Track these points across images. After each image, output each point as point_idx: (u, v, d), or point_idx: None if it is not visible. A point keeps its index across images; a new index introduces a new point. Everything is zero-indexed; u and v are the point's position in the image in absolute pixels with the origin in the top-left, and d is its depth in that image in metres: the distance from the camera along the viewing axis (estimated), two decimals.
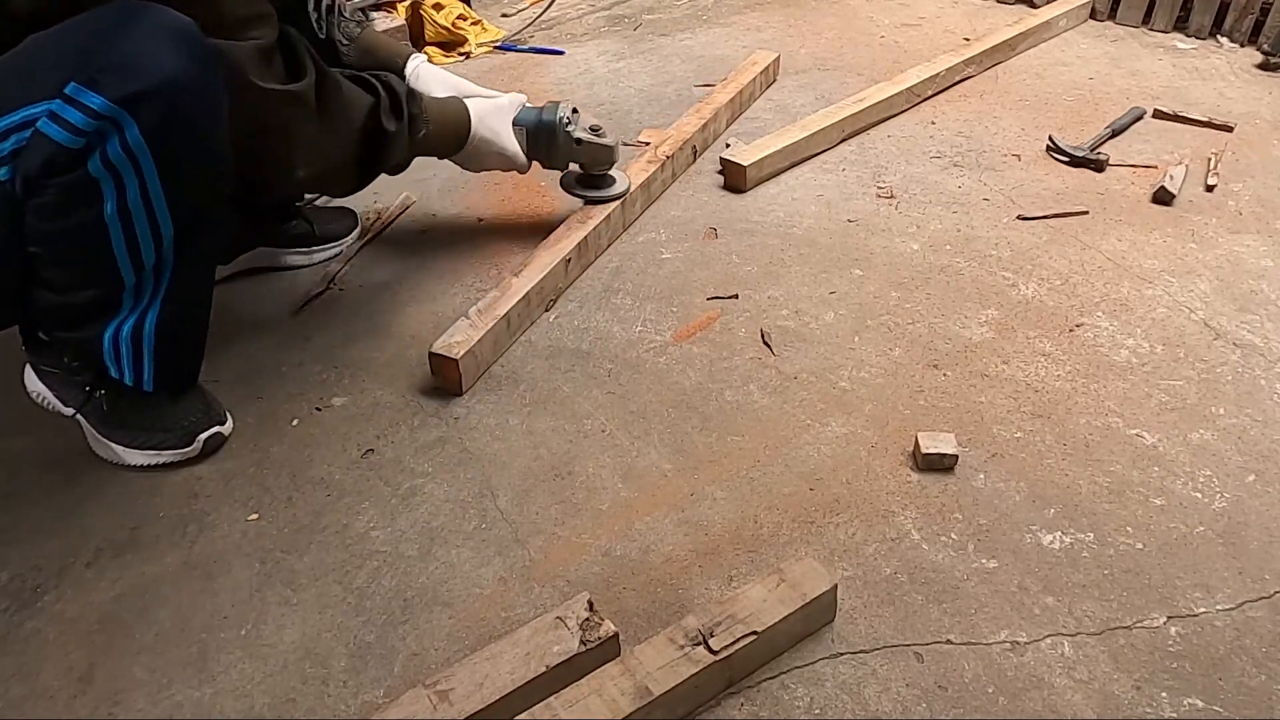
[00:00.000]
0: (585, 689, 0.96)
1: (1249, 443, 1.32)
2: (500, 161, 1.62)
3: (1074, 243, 1.72)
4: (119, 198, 1.07)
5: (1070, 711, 1.01)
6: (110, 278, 1.14)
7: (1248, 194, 1.85)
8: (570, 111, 1.63)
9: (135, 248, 1.13)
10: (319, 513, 1.25)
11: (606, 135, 1.66)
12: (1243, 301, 1.57)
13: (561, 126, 1.61)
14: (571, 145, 1.63)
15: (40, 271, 1.14)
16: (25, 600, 1.14)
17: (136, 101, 1.03)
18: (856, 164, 1.97)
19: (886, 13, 2.67)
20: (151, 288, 1.19)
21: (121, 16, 1.04)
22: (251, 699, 1.04)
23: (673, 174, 1.91)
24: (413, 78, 1.64)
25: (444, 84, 1.64)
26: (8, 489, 1.28)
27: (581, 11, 2.75)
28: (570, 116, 1.63)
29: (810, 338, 1.51)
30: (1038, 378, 1.43)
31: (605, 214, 1.69)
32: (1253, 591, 1.12)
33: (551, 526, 1.22)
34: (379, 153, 1.42)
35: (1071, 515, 1.22)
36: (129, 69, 1.03)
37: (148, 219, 1.11)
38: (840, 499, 1.25)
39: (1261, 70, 2.31)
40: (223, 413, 1.34)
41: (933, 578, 1.14)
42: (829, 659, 1.06)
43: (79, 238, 1.10)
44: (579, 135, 1.63)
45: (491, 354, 1.46)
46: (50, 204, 1.07)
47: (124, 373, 1.23)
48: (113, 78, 1.02)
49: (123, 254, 1.12)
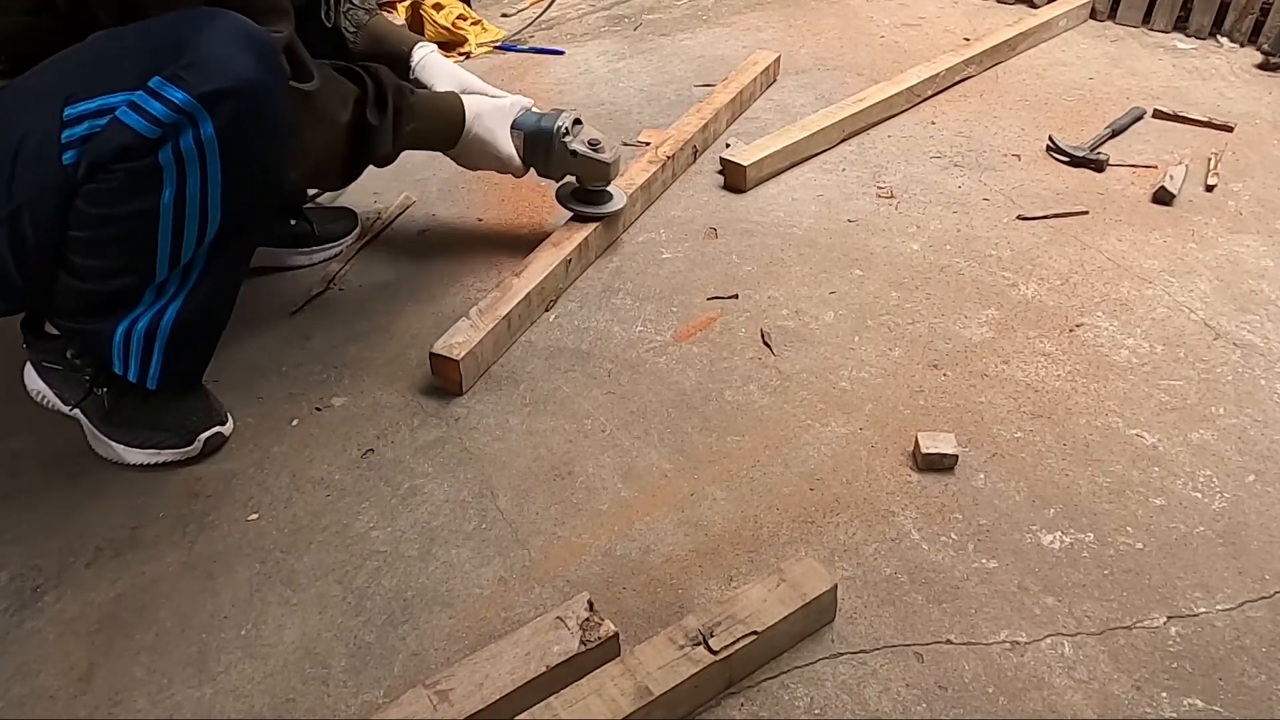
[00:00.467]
0: (585, 689, 0.96)
1: (1249, 443, 1.32)
2: (494, 163, 1.60)
3: (1074, 243, 1.72)
4: (178, 187, 1.10)
5: (1070, 711, 1.01)
6: (144, 268, 1.16)
7: (1248, 194, 1.85)
8: (571, 122, 1.59)
9: (179, 241, 1.14)
10: (319, 513, 1.25)
11: (605, 151, 1.59)
12: (1243, 301, 1.57)
13: (558, 136, 1.57)
14: (566, 156, 1.59)
15: (71, 257, 1.14)
16: (25, 600, 1.14)
17: (216, 99, 1.08)
18: (856, 164, 1.97)
19: (886, 13, 2.67)
20: (176, 285, 1.19)
21: (204, 19, 1.10)
22: (251, 699, 1.04)
23: (673, 174, 1.90)
24: (419, 68, 1.63)
25: (449, 77, 1.63)
26: (8, 489, 1.28)
27: (581, 11, 2.75)
28: (570, 127, 1.58)
29: (810, 338, 1.51)
30: (1038, 378, 1.43)
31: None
32: (1253, 591, 1.12)
33: (551, 526, 1.22)
34: (364, 147, 1.41)
35: (1071, 515, 1.22)
36: (212, 69, 1.08)
37: (199, 213, 1.14)
38: (840, 499, 1.25)
39: (1261, 70, 2.31)
40: (223, 412, 1.34)
41: (933, 578, 1.14)
42: (829, 659, 1.06)
43: (128, 224, 1.12)
44: (575, 148, 1.58)
45: (492, 354, 1.46)
46: (112, 190, 1.09)
47: (129, 369, 1.23)
48: (196, 75, 1.07)
49: (165, 246, 1.14)
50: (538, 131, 1.58)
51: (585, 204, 1.67)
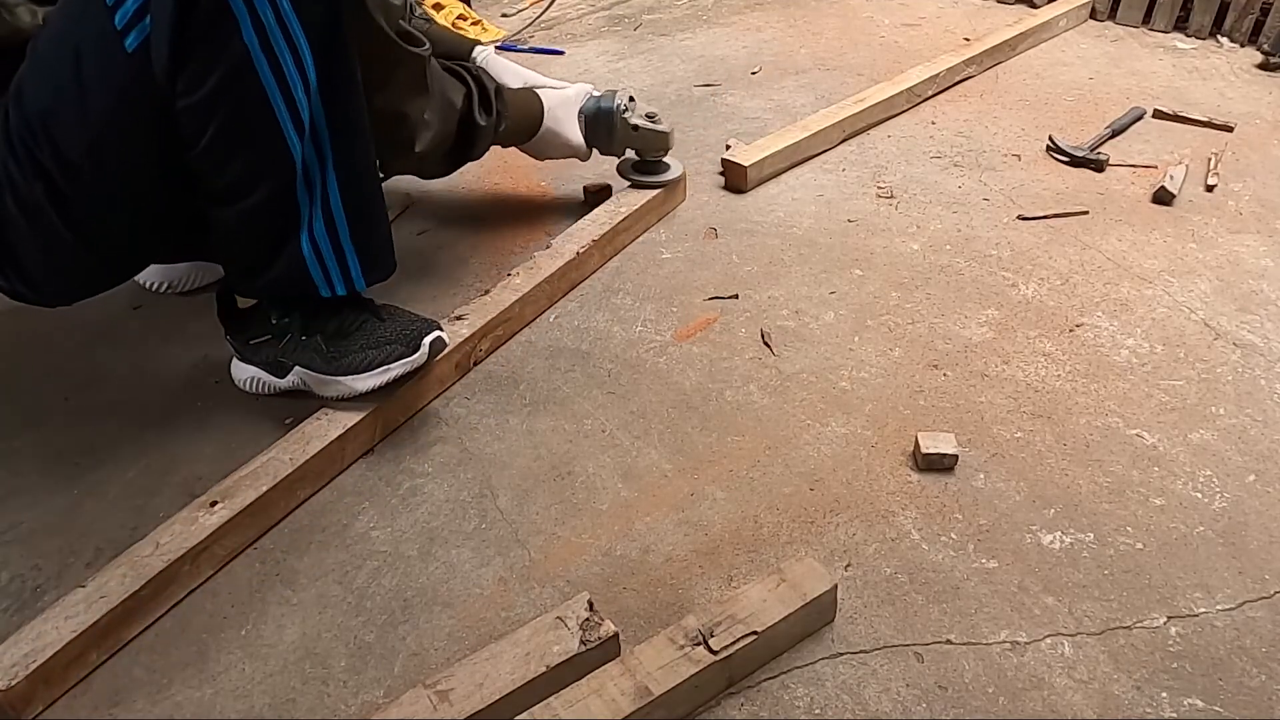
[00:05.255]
0: (585, 689, 0.96)
1: (1249, 443, 1.32)
2: (565, 151, 1.68)
3: (1074, 243, 1.72)
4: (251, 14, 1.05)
5: (1070, 711, 1.01)
6: (279, 150, 1.12)
7: (1248, 194, 1.85)
8: (628, 99, 1.68)
9: (287, 91, 1.10)
10: (319, 513, 1.25)
11: (662, 122, 1.71)
12: (1243, 301, 1.57)
13: (619, 113, 1.67)
14: (629, 132, 1.69)
15: (208, 181, 1.14)
16: (25, 600, 1.14)
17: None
18: (857, 164, 1.97)
19: (886, 13, 2.67)
20: (317, 164, 1.17)
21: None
22: (251, 699, 1.04)
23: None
24: (482, 66, 1.66)
25: (514, 74, 1.69)
26: (8, 489, 1.28)
27: (581, 11, 2.75)
28: (627, 104, 1.68)
29: (810, 338, 1.51)
30: (1038, 378, 1.43)
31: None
32: (1253, 591, 1.12)
33: (551, 526, 1.22)
34: (469, 144, 1.50)
35: (1071, 515, 1.22)
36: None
37: (286, 43, 1.08)
38: (840, 499, 1.25)
39: (1261, 70, 2.31)
40: (437, 320, 1.35)
41: (933, 578, 1.14)
42: (829, 659, 1.06)
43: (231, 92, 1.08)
44: (635, 122, 1.68)
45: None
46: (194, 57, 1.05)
47: (334, 283, 1.24)
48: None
49: (277, 98, 1.10)
50: (599, 113, 1.68)
51: (647, 174, 1.78)
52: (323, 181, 1.18)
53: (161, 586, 1.10)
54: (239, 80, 1.08)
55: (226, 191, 1.16)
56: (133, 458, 1.31)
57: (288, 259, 1.21)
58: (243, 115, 1.10)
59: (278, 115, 1.11)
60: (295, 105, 1.12)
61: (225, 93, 1.08)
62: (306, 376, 1.32)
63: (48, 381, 1.45)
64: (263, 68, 1.08)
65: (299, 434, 1.27)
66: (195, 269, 1.61)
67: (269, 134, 1.12)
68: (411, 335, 1.30)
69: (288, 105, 1.11)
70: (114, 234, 1.20)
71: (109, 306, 1.48)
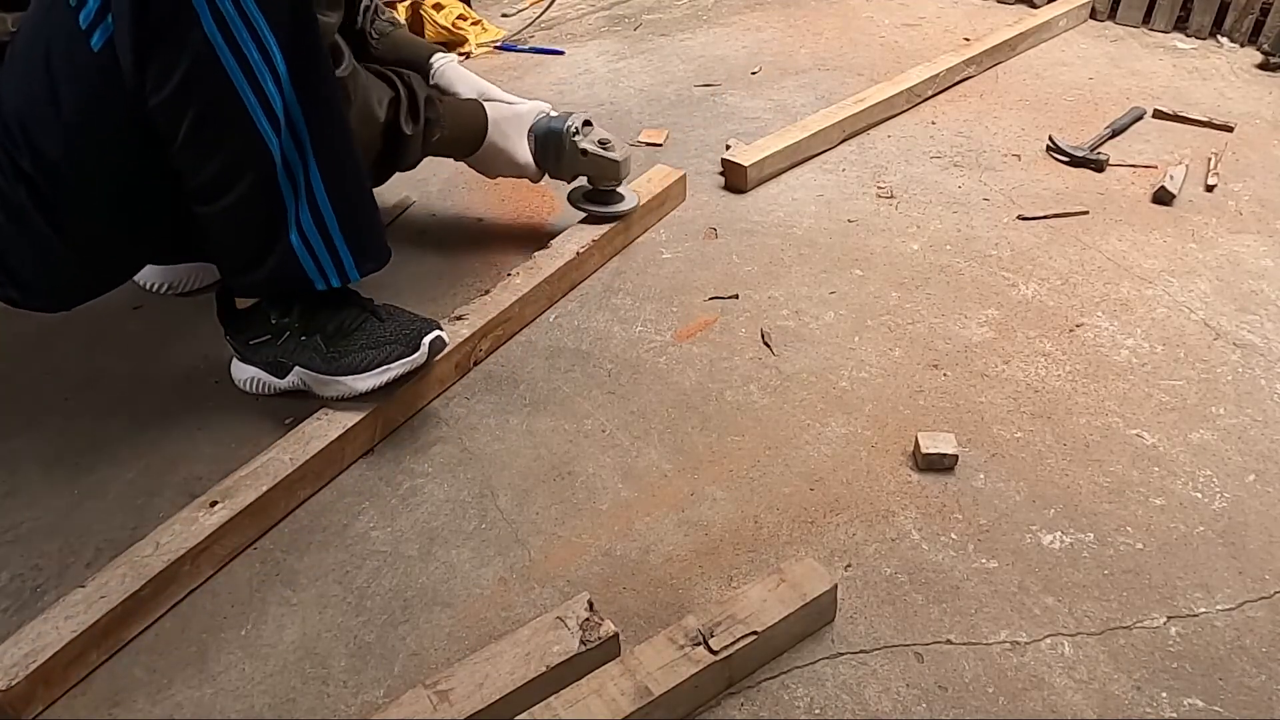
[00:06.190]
0: (585, 689, 0.96)
1: (1249, 443, 1.32)
2: (512, 169, 1.61)
3: (1074, 243, 1.72)
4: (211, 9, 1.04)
5: (1070, 711, 1.01)
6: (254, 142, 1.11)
7: (1248, 194, 1.85)
8: (581, 123, 1.60)
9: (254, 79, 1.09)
10: (319, 513, 1.25)
11: (615, 150, 1.61)
12: (1243, 301, 1.57)
13: (568, 135, 1.58)
14: (577, 156, 1.59)
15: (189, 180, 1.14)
16: (25, 600, 1.14)
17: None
18: (857, 164, 1.97)
19: (886, 13, 2.67)
20: (296, 155, 1.15)
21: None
22: (251, 699, 1.04)
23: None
24: (438, 76, 1.64)
25: (468, 85, 1.65)
26: (8, 489, 1.28)
27: (581, 11, 2.75)
28: (580, 127, 1.59)
29: (810, 338, 1.51)
30: (1038, 378, 1.43)
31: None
32: (1253, 591, 1.12)
33: (551, 526, 1.22)
34: (396, 153, 1.44)
35: (1071, 515, 1.22)
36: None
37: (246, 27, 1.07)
38: (840, 499, 1.25)
39: (1261, 70, 2.32)
40: (437, 320, 1.34)
41: (933, 578, 1.14)
42: (829, 659, 1.06)
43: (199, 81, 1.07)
44: (585, 146, 1.58)
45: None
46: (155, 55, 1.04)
47: (328, 274, 1.24)
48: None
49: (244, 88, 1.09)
50: (548, 133, 1.59)
51: (597, 204, 1.68)
52: (305, 173, 1.17)
53: (161, 586, 1.10)
54: (205, 73, 1.07)
55: (209, 188, 1.15)
56: (133, 458, 1.32)
57: (279, 254, 1.21)
58: (213, 109, 1.10)
59: (248, 107, 1.10)
60: (266, 96, 1.11)
61: (192, 87, 1.08)
62: (306, 376, 1.32)
63: (48, 381, 1.45)
64: (227, 59, 1.07)
65: (299, 434, 1.27)
66: (195, 270, 1.61)
67: (242, 127, 1.11)
68: (411, 335, 1.30)
69: (257, 96, 1.10)
70: (101, 236, 1.20)
71: (109, 306, 1.48)
